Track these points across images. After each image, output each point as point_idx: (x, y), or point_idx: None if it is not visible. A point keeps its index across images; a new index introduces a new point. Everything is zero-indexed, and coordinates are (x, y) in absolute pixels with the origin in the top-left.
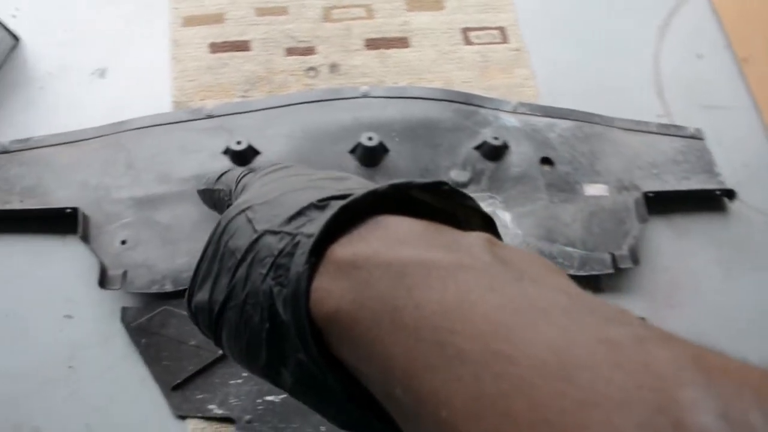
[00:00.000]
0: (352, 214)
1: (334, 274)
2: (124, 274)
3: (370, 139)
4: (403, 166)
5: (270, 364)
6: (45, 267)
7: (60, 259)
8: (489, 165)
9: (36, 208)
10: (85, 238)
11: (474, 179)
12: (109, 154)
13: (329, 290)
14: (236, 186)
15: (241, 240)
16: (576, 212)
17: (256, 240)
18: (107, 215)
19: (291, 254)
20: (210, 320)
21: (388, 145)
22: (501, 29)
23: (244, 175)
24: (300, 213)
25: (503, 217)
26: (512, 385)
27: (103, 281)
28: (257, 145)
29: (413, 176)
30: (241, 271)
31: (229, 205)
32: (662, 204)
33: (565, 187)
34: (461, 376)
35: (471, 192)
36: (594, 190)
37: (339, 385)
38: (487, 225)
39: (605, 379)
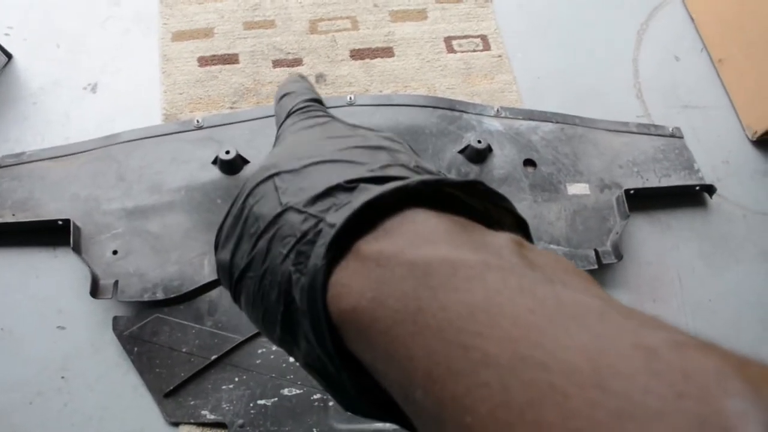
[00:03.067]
0: (379, 206)
1: (355, 269)
2: (116, 283)
3: None
4: None
5: (284, 340)
6: (37, 279)
7: (52, 271)
8: (473, 168)
9: (28, 221)
10: (77, 249)
11: None
12: (100, 166)
13: (348, 286)
14: (282, 122)
15: (265, 208)
16: (560, 211)
17: (281, 214)
18: (98, 226)
19: (312, 242)
20: (230, 281)
21: None
22: (483, 37)
23: (296, 110)
24: (327, 193)
25: None
26: (543, 393)
27: (95, 291)
28: (246, 155)
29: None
30: (262, 243)
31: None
32: (644, 201)
33: (549, 187)
34: (488, 382)
35: None
36: (577, 189)
37: (351, 382)
38: (520, 227)
39: (642, 387)
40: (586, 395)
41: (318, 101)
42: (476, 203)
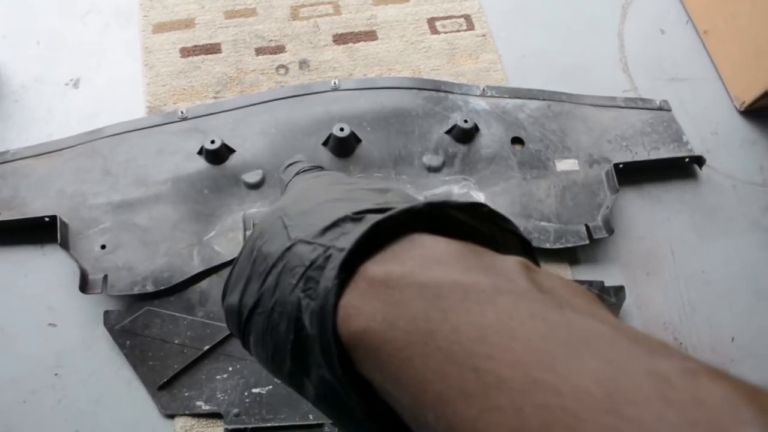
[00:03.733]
0: (387, 231)
1: (365, 291)
2: (105, 278)
3: (341, 130)
4: (376, 155)
5: (294, 373)
6: (26, 277)
7: (40, 269)
8: (461, 148)
9: (14, 219)
10: (65, 245)
11: (447, 162)
12: (85, 161)
13: (359, 308)
14: (289, 182)
15: (274, 246)
16: (549, 188)
17: (289, 248)
18: (85, 221)
19: (322, 267)
20: (239, 324)
21: (360, 135)
22: (466, 17)
23: (302, 172)
24: (335, 224)
25: (477, 198)
26: (556, 417)
27: (84, 286)
28: (232, 144)
29: (386, 163)
30: (272, 278)
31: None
32: (634, 175)
33: (537, 165)
34: (500, 406)
35: (445, 175)
36: (565, 165)
37: (361, 407)
38: (525, 249)
39: (655, 414)
40: (600, 420)
41: (322, 168)
42: (482, 226)
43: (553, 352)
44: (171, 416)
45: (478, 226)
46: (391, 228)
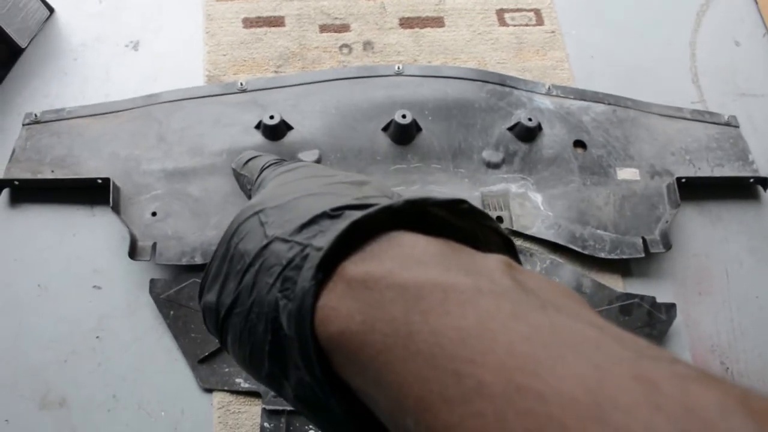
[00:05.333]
0: (366, 229)
1: (343, 292)
2: (154, 245)
3: (403, 116)
4: (436, 145)
5: (272, 374)
6: (74, 237)
7: (89, 230)
8: (522, 146)
9: (67, 178)
10: (116, 209)
11: (506, 160)
12: (140, 126)
13: (336, 309)
14: (258, 176)
15: (251, 244)
16: (608, 195)
17: (266, 246)
18: (138, 186)
19: (299, 267)
20: (216, 323)
21: (421, 123)
22: (536, 11)
23: (268, 165)
24: (312, 221)
25: (535, 199)
26: (540, 424)
27: (133, 252)
28: (290, 120)
29: (445, 155)
30: (249, 276)
31: (249, 195)
32: (695, 190)
33: (598, 171)
34: (482, 412)
35: (503, 173)
36: (626, 174)
37: (341, 409)
38: (507, 246)
39: (644, 422)
40: (585, 427)
41: (285, 161)
42: (463, 224)
43: (537, 355)
44: (209, 390)
45: (458, 223)
46: (369, 226)
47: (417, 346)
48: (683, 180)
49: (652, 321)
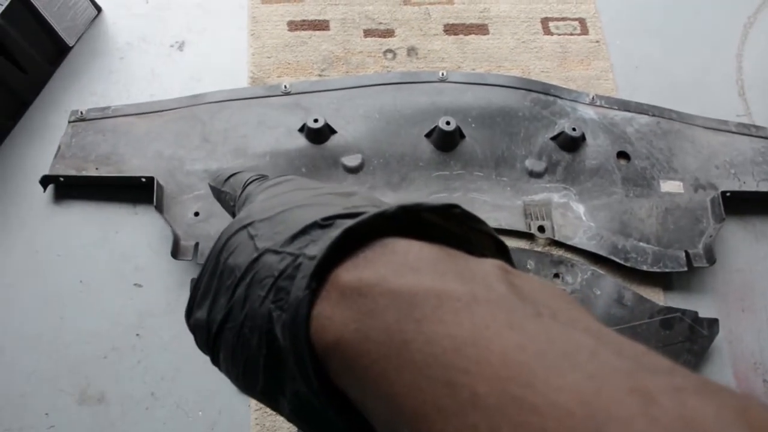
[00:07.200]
0: (359, 236)
1: (337, 300)
2: (196, 245)
3: (447, 123)
4: (479, 153)
5: (267, 388)
6: (117, 234)
7: (131, 228)
8: (565, 156)
9: (111, 175)
10: (160, 208)
11: (549, 169)
12: (184, 126)
13: (331, 318)
14: (242, 192)
15: (241, 257)
16: (651, 208)
17: (257, 259)
18: (181, 186)
19: (292, 277)
20: (207, 340)
21: (465, 130)
22: (581, 20)
23: (252, 181)
24: (303, 232)
25: (577, 209)
26: None
27: (176, 252)
28: (333, 125)
29: (487, 163)
30: (240, 290)
31: (232, 211)
32: (739, 205)
33: (641, 183)
34: (476, 424)
35: (546, 182)
36: (670, 186)
37: (339, 419)
38: (500, 250)
39: None
40: None
41: (268, 177)
42: (456, 229)
43: (531, 365)
44: None
45: (452, 228)
46: (363, 234)
47: (411, 355)
48: (728, 194)
49: (693, 336)
